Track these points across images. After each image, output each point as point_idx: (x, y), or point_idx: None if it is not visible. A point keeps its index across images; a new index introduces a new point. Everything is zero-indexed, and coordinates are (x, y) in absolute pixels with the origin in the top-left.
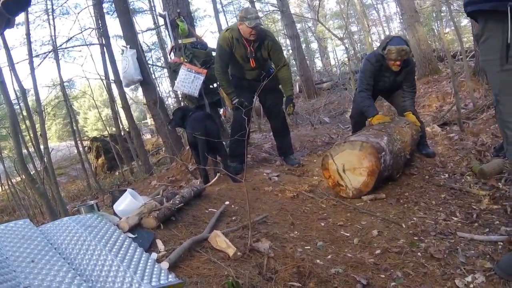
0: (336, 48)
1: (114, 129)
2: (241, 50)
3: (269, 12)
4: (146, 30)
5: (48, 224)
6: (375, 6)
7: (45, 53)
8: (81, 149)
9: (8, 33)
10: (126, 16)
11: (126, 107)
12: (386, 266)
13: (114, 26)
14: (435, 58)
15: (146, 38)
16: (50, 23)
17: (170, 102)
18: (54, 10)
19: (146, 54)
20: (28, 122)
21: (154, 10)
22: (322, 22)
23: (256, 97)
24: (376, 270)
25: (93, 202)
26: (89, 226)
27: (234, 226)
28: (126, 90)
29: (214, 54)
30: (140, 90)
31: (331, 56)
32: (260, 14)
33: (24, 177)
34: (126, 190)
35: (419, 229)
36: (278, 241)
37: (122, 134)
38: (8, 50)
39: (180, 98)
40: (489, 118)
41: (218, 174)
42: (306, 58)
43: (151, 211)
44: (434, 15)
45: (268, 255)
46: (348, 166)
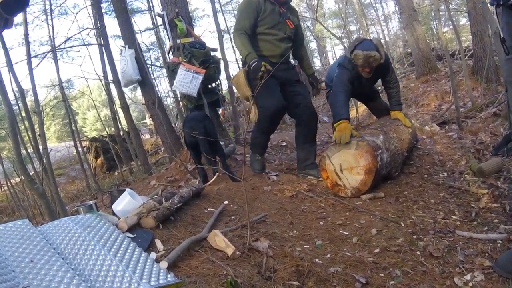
0: (335, 47)
1: (113, 129)
2: (273, 12)
3: None
4: (144, 30)
5: (47, 224)
6: (374, 5)
7: (43, 53)
8: (80, 149)
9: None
10: (125, 16)
11: (125, 107)
12: (385, 265)
13: (112, 26)
14: (434, 57)
15: (145, 38)
16: (48, 23)
17: (169, 102)
18: (52, 10)
19: (144, 54)
20: (26, 123)
21: (152, 10)
22: (321, 21)
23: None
24: (375, 269)
25: (91, 202)
26: (88, 226)
27: (233, 226)
28: (125, 90)
29: (213, 54)
30: (139, 90)
31: (330, 55)
32: None
33: (23, 177)
34: (125, 190)
35: (418, 227)
36: (277, 240)
37: (121, 134)
38: (6, 51)
39: (178, 98)
40: (487, 117)
41: (217, 174)
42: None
43: (150, 211)
44: (433, 14)
45: (267, 254)
46: (345, 165)
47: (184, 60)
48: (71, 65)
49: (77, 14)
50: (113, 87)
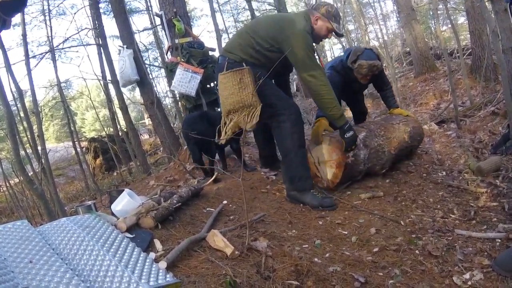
0: (333, 46)
1: (111, 129)
2: None
3: (265, 11)
4: (142, 30)
5: (46, 224)
6: (372, 4)
7: (42, 53)
8: (79, 150)
9: (4, 34)
10: (123, 16)
11: (124, 108)
12: (384, 264)
13: (110, 26)
14: (432, 56)
15: (143, 38)
16: (46, 24)
17: (168, 102)
18: (50, 11)
19: (143, 54)
20: (25, 123)
21: (150, 9)
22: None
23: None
24: (374, 268)
25: (90, 202)
26: (86, 226)
27: (232, 225)
28: (124, 90)
29: (211, 53)
30: (137, 90)
31: (328, 54)
32: (257, 13)
33: (22, 178)
34: (124, 190)
35: (417, 226)
36: (276, 239)
37: (120, 134)
38: (4, 51)
39: (177, 98)
40: (486, 116)
41: (216, 174)
42: None
43: (149, 211)
44: (431, 13)
45: (266, 254)
46: (321, 159)
47: (182, 60)
48: (70, 65)
49: (75, 14)
50: (111, 87)
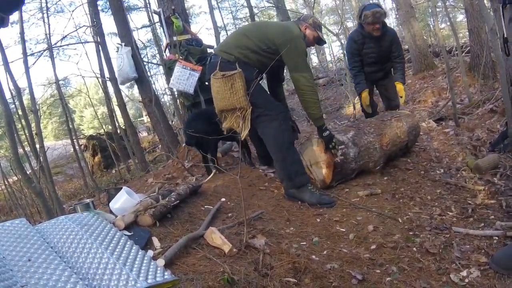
0: (331, 43)
1: (110, 127)
2: None
3: (264, 8)
4: (141, 27)
5: (44, 223)
6: (371, 2)
7: (40, 51)
8: (77, 147)
9: (2, 32)
10: (121, 13)
11: (122, 105)
12: (382, 261)
13: (109, 23)
14: (431, 53)
15: (141, 35)
16: (44, 21)
17: (166, 99)
18: (48, 8)
19: (141, 52)
20: (23, 121)
21: (149, 7)
22: (318, 18)
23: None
24: (371, 265)
25: (89, 200)
26: (85, 224)
27: (230, 223)
28: (122, 87)
29: (210, 51)
30: (136, 87)
31: (327, 52)
32: (255, 10)
33: (20, 176)
34: (122, 188)
35: (415, 224)
36: (274, 237)
37: (118, 132)
38: (2, 49)
39: (176, 96)
40: (484, 113)
41: (214, 171)
42: None
43: (147, 209)
44: (430, 11)
45: (263, 251)
46: (312, 161)
47: (180, 57)
48: (68, 63)
49: (73, 11)
50: (110, 85)
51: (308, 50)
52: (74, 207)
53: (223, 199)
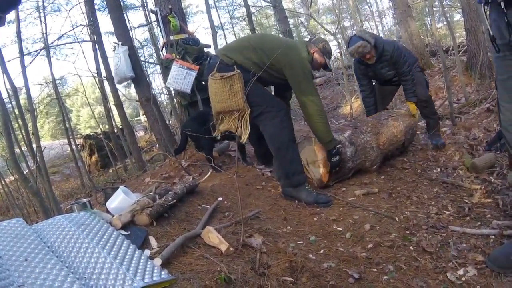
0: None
1: (107, 126)
2: None
3: (261, 7)
4: (138, 27)
5: (41, 222)
6: (368, 1)
7: (36, 50)
8: (74, 147)
9: None
10: (118, 12)
11: (119, 104)
12: (378, 260)
13: (105, 22)
14: (428, 52)
15: (138, 35)
16: (41, 21)
17: (163, 98)
18: (45, 7)
19: (138, 51)
20: (20, 121)
21: (145, 6)
22: (315, 17)
23: None
24: (368, 264)
25: (86, 200)
26: (82, 224)
27: (227, 222)
28: (119, 87)
29: (206, 50)
30: (132, 87)
31: None
32: (252, 10)
33: (17, 176)
34: (119, 187)
35: (411, 223)
36: (271, 236)
37: (115, 131)
38: None
39: (172, 95)
40: (481, 113)
41: (211, 170)
42: None
43: (144, 208)
44: (427, 10)
45: (260, 251)
46: (309, 160)
47: (177, 56)
48: (65, 62)
49: (70, 11)
50: (106, 84)
51: None
52: (71, 207)
53: (220, 199)
